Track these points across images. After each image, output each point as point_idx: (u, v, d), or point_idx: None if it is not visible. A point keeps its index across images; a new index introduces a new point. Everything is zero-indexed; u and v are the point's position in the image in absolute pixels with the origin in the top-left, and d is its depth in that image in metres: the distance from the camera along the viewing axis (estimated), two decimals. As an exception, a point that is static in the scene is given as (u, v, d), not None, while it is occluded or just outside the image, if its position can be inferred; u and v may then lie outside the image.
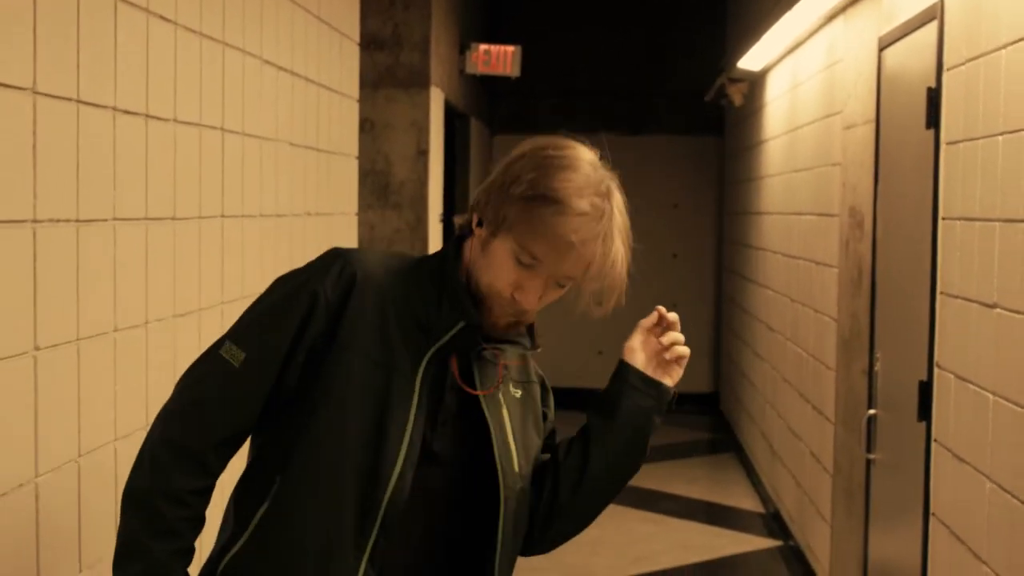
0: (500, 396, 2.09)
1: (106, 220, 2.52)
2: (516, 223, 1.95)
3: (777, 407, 7.46)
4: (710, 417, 10.99)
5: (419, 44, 7.21)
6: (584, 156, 2.03)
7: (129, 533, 1.92)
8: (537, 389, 2.21)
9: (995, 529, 3.29)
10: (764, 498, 7.94)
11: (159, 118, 2.83)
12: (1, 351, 2.02)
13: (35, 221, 2.20)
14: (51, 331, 2.23)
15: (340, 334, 1.95)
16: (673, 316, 2.21)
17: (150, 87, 2.77)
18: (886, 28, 4.71)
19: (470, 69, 8.58)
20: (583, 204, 1.96)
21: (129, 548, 1.91)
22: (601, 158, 2.07)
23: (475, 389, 2.05)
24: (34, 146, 2.20)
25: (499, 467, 2.03)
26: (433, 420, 2.02)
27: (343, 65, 4.78)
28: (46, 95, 2.24)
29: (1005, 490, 3.20)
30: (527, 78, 8.91)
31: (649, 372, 2.17)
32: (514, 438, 2.08)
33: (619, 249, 2.04)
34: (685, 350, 2.19)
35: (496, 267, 1.99)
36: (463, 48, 8.59)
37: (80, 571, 2.38)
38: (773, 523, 7.41)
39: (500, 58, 8.61)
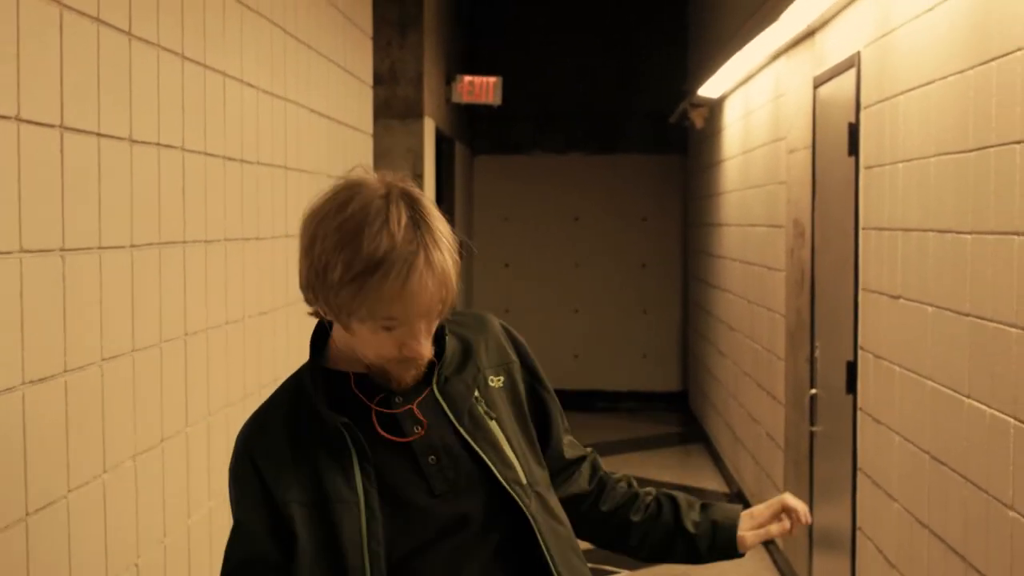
0: (480, 410, 2.02)
1: (220, 240, 3.40)
2: (359, 307, 1.86)
3: (738, 397, 8.36)
4: (680, 414, 11.88)
5: (413, 80, 8.08)
6: (366, 192, 1.89)
7: None
8: (515, 365, 2.15)
9: (902, 472, 4.17)
10: (728, 479, 8.84)
11: (249, 162, 3.69)
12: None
13: (184, 242, 3.07)
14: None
15: (278, 506, 1.92)
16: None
17: (244, 139, 3.64)
18: (819, 69, 5.62)
19: (455, 99, 9.45)
20: (402, 249, 1.84)
21: None
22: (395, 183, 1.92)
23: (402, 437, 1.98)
24: (183, 189, 3.07)
25: (510, 490, 1.97)
26: (420, 474, 1.95)
27: (361, 106, 5.66)
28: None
29: (908, 440, 4.09)
30: (505, 102, 9.78)
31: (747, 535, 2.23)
32: (513, 449, 2.02)
33: (446, 255, 1.90)
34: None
35: (372, 344, 1.92)
36: (449, 79, 9.46)
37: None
38: (736, 500, 8.31)
39: (483, 88, 9.49)
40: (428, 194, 8.18)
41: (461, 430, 1.97)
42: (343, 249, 1.84)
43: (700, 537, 2.21)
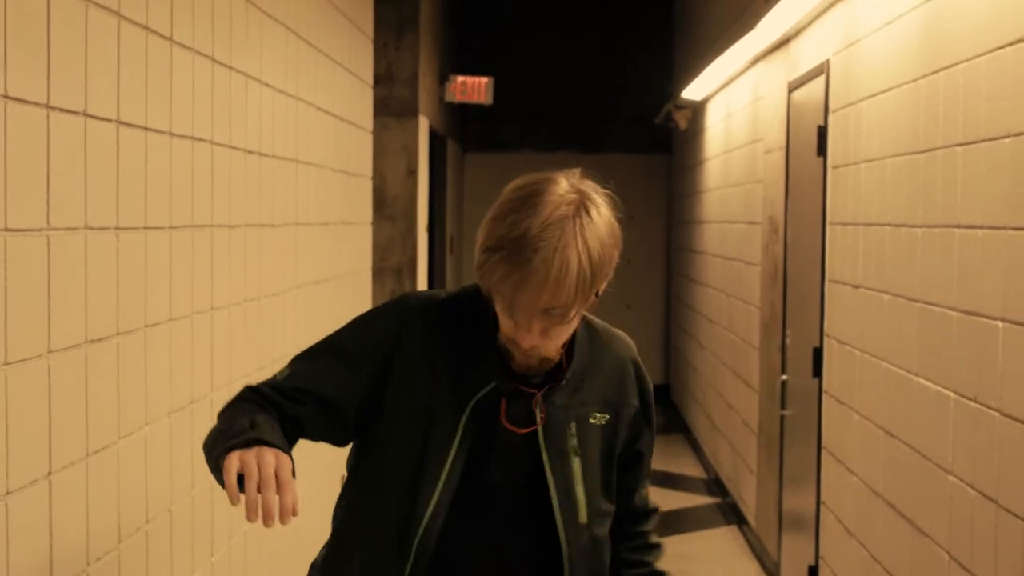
0: (570, 445, 2.09)
1: (240, 225, 3.75)
2: (486, 279, 1.94)
3: (717, 387, 8.74)
4: (662, 406, 12.23)
5: (409, 80, 8.43)
6: (549, 184, 2.02)
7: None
8: (631, 411, 2.21)
9: (861, 448, 4.54)
10: (707, 467, 9.22)
11: (265, 155, 4.05)
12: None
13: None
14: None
15: (390, 381, 2.07)
16: None
17: (261, 134, 3.99)
18: (793, 75, 5.98)
19: (448, 98, 9.79)
20: (532, 239, 1.89)
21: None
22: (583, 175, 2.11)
23: (522, 428, 2.07)
24: (211, 178, 3.42)
25: (560, 525, 2.07)
26: (488, 454, 2.06)
27: (362, 105, 6.01)
28: (220, 144, 3.46)
29: (866, 418, 4.46)
30: (495, 102, 10.12)
31: None
32: (585, 488, 2.10)
33: (575, 263, 1.91)
34: None
35: (502, 320, 2.00)
36: (443, 79, 9.81)
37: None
38: (714, 486, 8.69)
39: (475, 88, 9.85)
40: (422, 189, 8.62)
41: (545, 460, 2.07)
42: (495, 220, 1.94)
43: None
